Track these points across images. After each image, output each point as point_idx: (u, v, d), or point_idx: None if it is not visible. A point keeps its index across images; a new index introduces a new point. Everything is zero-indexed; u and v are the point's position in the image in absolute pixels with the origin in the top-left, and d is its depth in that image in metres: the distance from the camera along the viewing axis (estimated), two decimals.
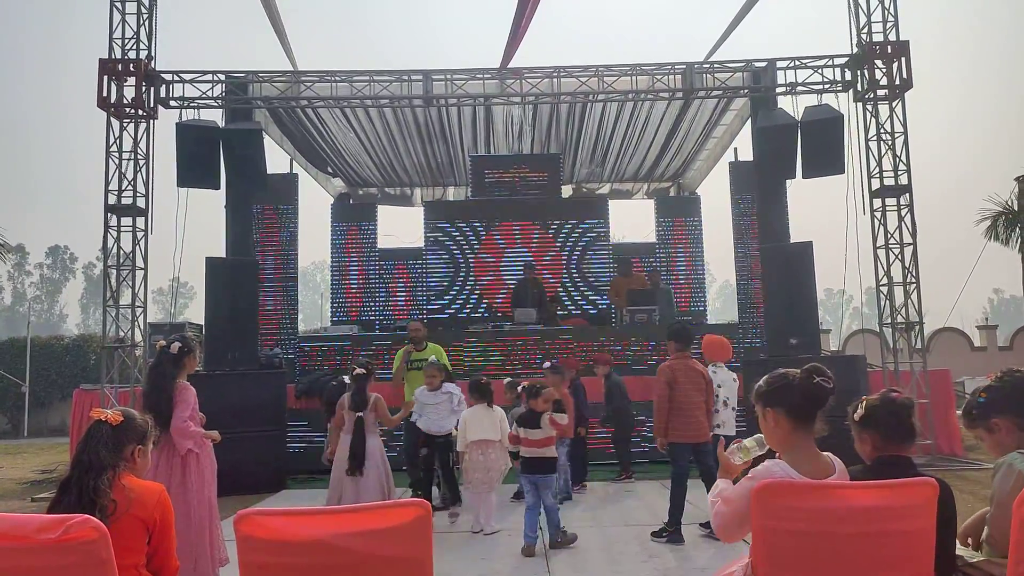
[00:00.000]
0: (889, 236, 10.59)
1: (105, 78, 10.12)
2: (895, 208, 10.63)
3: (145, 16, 10.50)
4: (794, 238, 10.74)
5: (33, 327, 23.88)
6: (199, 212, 10.36)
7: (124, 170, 10.32)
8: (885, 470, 2.46)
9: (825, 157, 10.12)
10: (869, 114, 10.69)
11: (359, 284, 14.77)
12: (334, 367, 10.72)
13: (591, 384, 8.79)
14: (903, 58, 10.34)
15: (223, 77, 10.82)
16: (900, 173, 10.54)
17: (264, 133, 10.97)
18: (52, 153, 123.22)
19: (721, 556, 5.23)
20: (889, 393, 2.64)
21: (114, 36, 10.37)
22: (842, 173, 10.22)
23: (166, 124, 10.53)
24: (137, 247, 10.41)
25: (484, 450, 6.34)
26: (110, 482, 2.52)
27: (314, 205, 17.39)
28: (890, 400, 2.59)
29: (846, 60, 10.77)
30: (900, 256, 10.53)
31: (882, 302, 10.64)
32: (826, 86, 10.79)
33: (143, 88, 10.25)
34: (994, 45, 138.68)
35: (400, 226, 16.37)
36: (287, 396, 9.73)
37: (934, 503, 2.30)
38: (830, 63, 10.85)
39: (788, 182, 10.76)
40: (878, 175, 10.61)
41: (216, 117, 10.73)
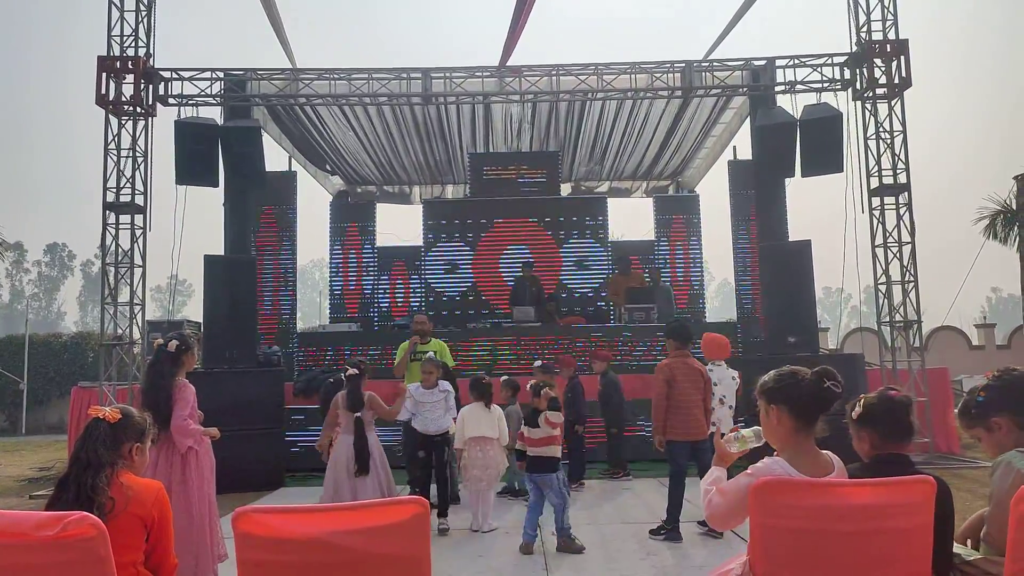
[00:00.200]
0: (887, 235, 10.60)
1: (104, 75, 10.11)
2: (893, 207, 10.64)
3: (144, 13, 10.49)
4: (793, 236, 10.74)
5: (31, 324, 23.85)
6: (197, 210, 10.36)
7: (123, 168, 10.32)
8: (883, 468, 2.46)
9: (824, 156, 10.13)
10: (868, 113, 10.70)
11: (358, 282, 14.76)
12: (332, 365, 10.72)
13: (588, 382, 8.80)
14: (902, 57, 10.34)
15: (222, 75, 10.81)
16: (899, 172, 10.55)
17: (263, 131, 10.96)
18: (51, 151, 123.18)
19: (719, 554, 5.24)
20: (887, 391, 2.64)
21: (112, 34, 10.37)
22: (841, 172, 10.24)
23: (165, 122, 10.54)
24: (135, 244, 10.41)
25: (483, 447, 6.34)
26: (108, 480, 2.52)
27: (313, 203, 17.41)
28: (888, 398, 2.59)
29: (845, 59, 10.77)
30: (898, 255, 10.55)
31: (880, 301, 10.65)
32: (825, 84, 10.80)
33: (141, 86, 10.25)
34: (987, 44, 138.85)
35: (399, 224, 16.40)
36: (285, 394, 9.73)
37: (932, 501, 2.30)
38: (829, 62, 10.85)
39: (787, 180, 10.77)
40: (877, 174, 10.62)
41: (215, 115, 10.73)
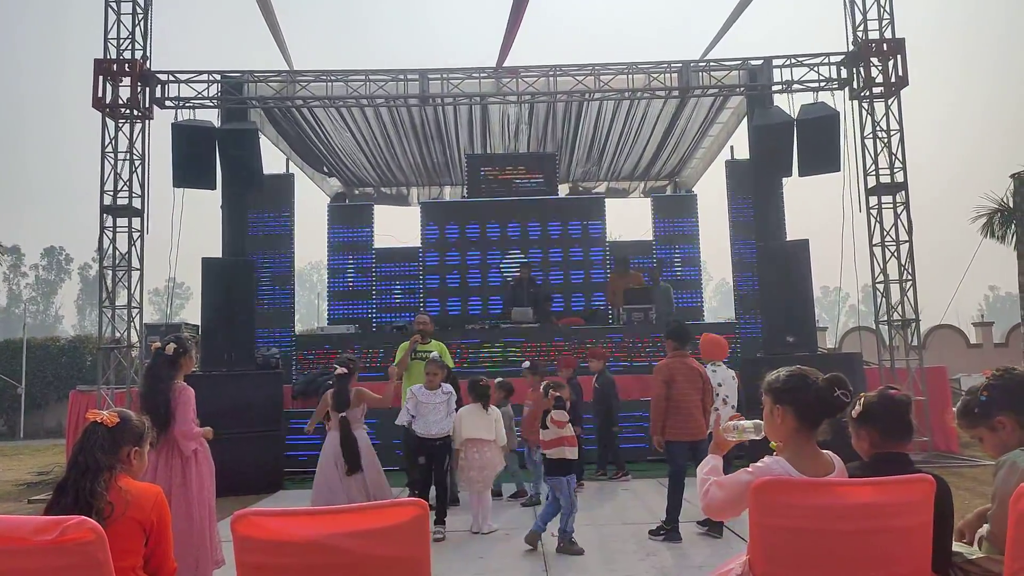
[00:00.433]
0: (885, 234, 10.62)
1: (100, 78, 10.10)
2: (891, 206, 10.66)
3: (140, 16, 10.48)
4: (790, 236, 10.75)
5: (29, 328, 23.84)
6: (195, 212, 10.37)
7: (120, 171, 10.31)
8: (883, 467, 2.46)
9: (821, 155, 10.14)
10: (865, 112, 10.72)
11: (356, 284, 14.75)
12: (331, 367, 10.70)
13: (585, 382, 8.78)
14: (899, 56, 10.36)
15: (218, 77, 10.81)
16: (896, 171, 10.57)
17: (260, 133, 10.95)
18: (48, 154, 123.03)
19: (719, 554, 5.24)
20: (887, 390, 2.64)
21: (109, 36, 10.35)
22: (838, 171, 10.25)
23: (162, 124, 10.54)
24: (133, 248, 10.40)
25: (480, 449, 6.34)
26: (106, 484, 2.51)
27: (310, 205, 17.36)
28: (888, 397, 2.60)
29: (842, 58, 10.79)
30: (896, 253, 10.56)
31: (878, 299, 10.66)
32: (822, 84, 10.81)
33: (138, 88, 10.24)
34: (987, 43, 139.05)
35: (396, 226, 16.34)
36: (284, 396, 9.71)
37: (931, 500, 2.31)
38: (826, 61, 10.87)
39: (784, 180, 10.77)
40: (874, 173, 10.64)
41: (212, 117, 10.75)
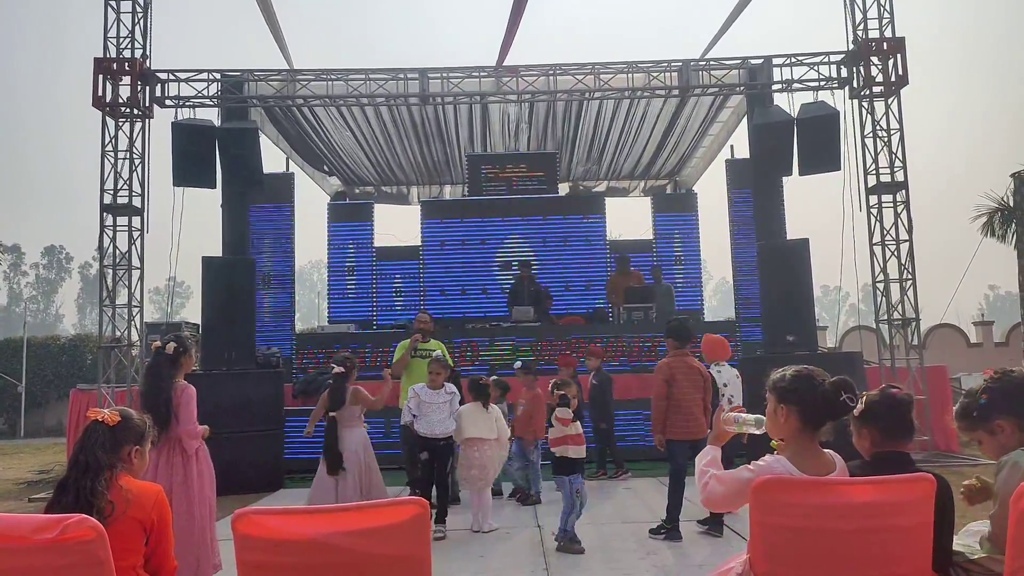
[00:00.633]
0: (885, 233, 10.62)
1: (100, 77, 10.10)
2: (891, 205, 10.66)
3: (140, 15, 10.48)
4: (790, 235, 10.75)
5: (29, 327, 23.85)
6: (195, 211, 10.37)
7: (120, 169, 10.31)
8: (884, 466, 2.46)
9: (821, 154, 10.14)
10: (865, 111, 10.71)
11: (356, 283, 14.74)
12: (328, 364, 10.70)
13: (582, 381, 8.73)
14: (899, 55, 10.36)
15: (218, 76, 10.81)
16: (896, 170, 10.57)
17: (260, 132, 10.95)
18: (48, 153, 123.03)
19: (719, 553, 5.23)
20: (889, 389, 2.64)
21: (109, 35, 10.36)
22: (838, 170, 10.25)
23: (162, 123, 10.55)
24: (133, 246, 10.40)
25: (480, 448, 6.33)
26: (107, 483, 2.51)
27: (311, 204, 17.36)
28: (890, 396, 2.59)
29: (842, 57, 10.78)
30: (896, 253, 10.56)
31: (878, 299, 10.66)
32: (822, 83, 10.81)
33: (138, 87, 10.24)
34: (989, 42, 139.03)
35: (397, 225, 16.34)
36: (284, 395, 9.71)
37: (932, 499, 2.30)
38: (826, 60, 10.87)
39: (784, 179, 10.77)
40: (874, 172, 10.64)
41: (212, 116, 10.75)
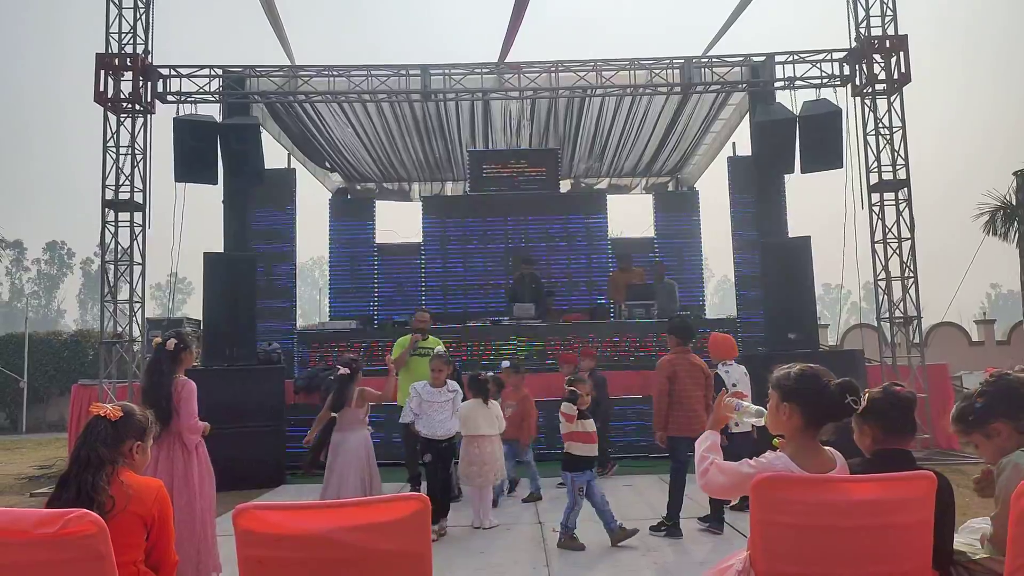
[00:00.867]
0: (887, 231, 10.60)
1: (102, 73, 10.10)
2: (893, 203, 10.65)
3: (142, 11, 10.47)
4: (792, 233, 10.75)
5: (31, 323, 23.86)
6: (197, 207, 10.35)
7: (121, 165, 10.31)
8: (885, 463, 2.46)
9: (823, 152, 10.13)
10: (867, 109, 10.69)
11: (357, 279, 14.74)
12: (332, 362, 10.70)
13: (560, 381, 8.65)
14: (901, 52, 10.34)
15: (220, 72, 10.80)
16: (898, 168, 10.55)
17: (261, 128, 10.94)
18: (50, 148, 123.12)
19: (720, 550, 5.24)
20: (892, 387, 2.64)
21: (111, 31, 10.35)
22: (840, 168, 10.24)
23: (163, 119, 10.54)
24: (135, 242, 10.40)
25: (480, 445, 6.34)
26: (108, 478, 2.52)
27: (312, 200, 17.37)
28: (893, 393, 2.59)
29: (844, 55, 10.76)
30: (898, 251, 10.54)
31: (880, 297, 10.65)
32: (824, 81, 10.79)
33: (140, 83, 10.23)
34: (991, 39, 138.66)
35: (398, 221, 16.33)
36: (286, 391, 9.72)
37: (933, 496, 2.30)
38: (828, 58, 10.84)
39: (786, 177, 10.76)
40: (876, 170, 10.62)
41: (213, 112, 10.72)
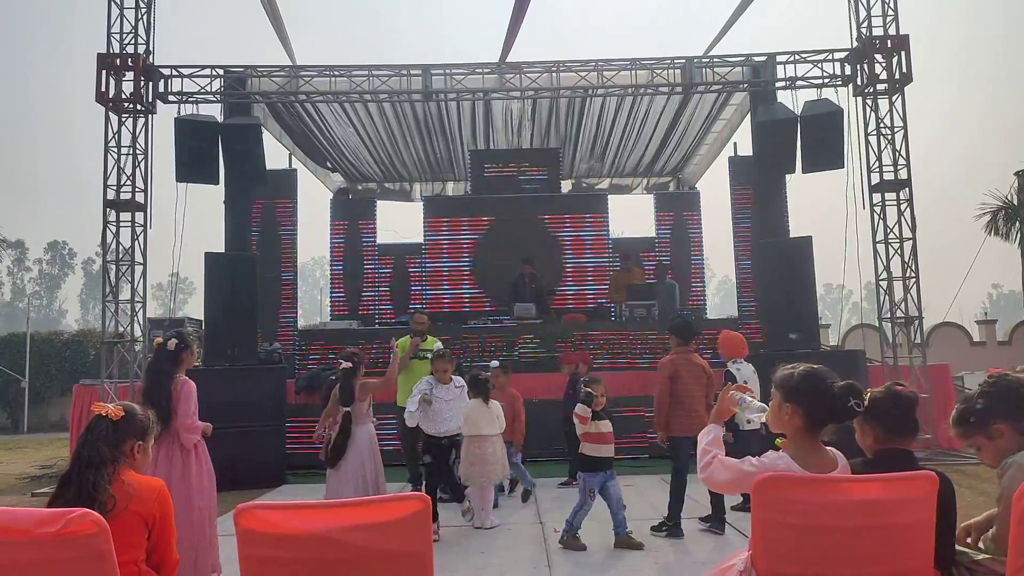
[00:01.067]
0: (888, 231, 10.59)
1: (103, 73, 10.11)
2: (894, 203, 10.64)
3: (143, 11, 10.48)
4: (793, 233, 10.75)
5: (32, 322, 23.88)
6: (198, 207, 10.37)
7: (123, 165, 10.32)
8: (886, 463, 2.46)
9: (824, 152, 10.13)
10: (869, 108, 10.68)
11: (358, 279, 14.75)
12: (334, 362, 10.70)
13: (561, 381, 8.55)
14: (903, 52, 10.33)
15: (221, 72, 10.81)
16: (900, 168, 10.54)
17: (263, 128, 10.95)
18: (51, 148, 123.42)
19: (721, 550, 5.23)
20: (894, 386, 2.64)
21: (112, 31, 10.36)
22: (841, 168, 10.24)
23: (165, 119, 10.54)
24: (136, 242, 10.41)
25: (481, 445, 6.34)
26: (110, 478, 2.52)
27: (313, 200, 17.41)
28: (895, 393, 2.59)
29: (846, 54, 10.75)
30: (899, 251, 10.53)
31: (881, 297, 10.64)
32: (826, 80, 10.78)
33: (141, 83, 10.24)
34: (989, 39, 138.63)
35: (399, 221, 16.36)
36: (287, 391, 9.72)
37: (934, 497, 2.30)
38: (830, 57, 10.84)
39: (787, 177, 10.76)
40: (877, 169, 10.61)
41: (215, 112, 10.74)
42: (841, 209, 10.25)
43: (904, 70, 10.32)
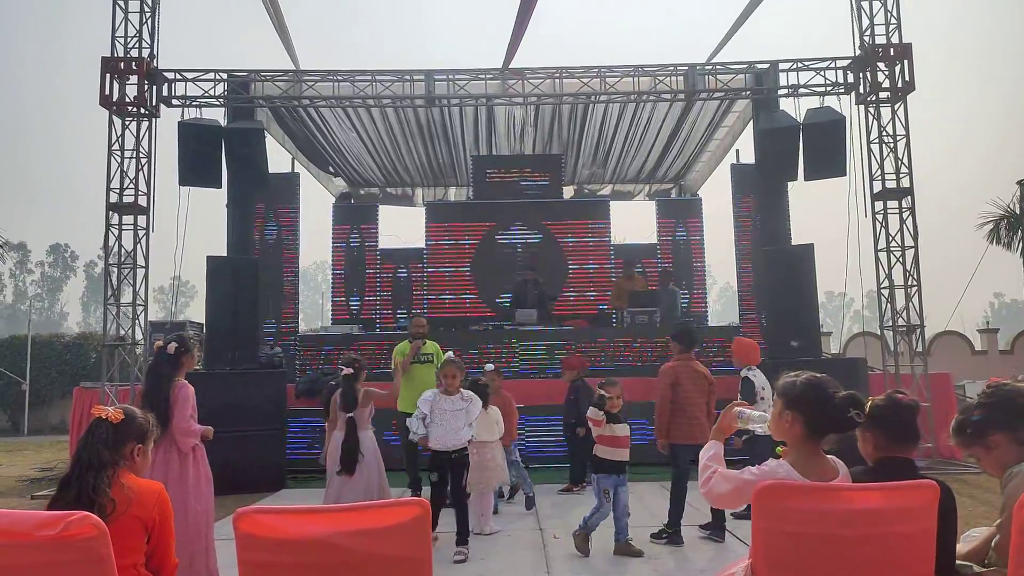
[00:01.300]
0: (890, 239, 10.58)
1: (107, 76, 10.14)
2: (897, 211, 10.63)
3: (148, 15, 10.52)
4: (795, 241, 10.73)
5: (34, 325, 23.90)
6: (200, 211, 10.39)
7: (126, 168, 10.34)
8: (887, 471, 2.45)
9: (827, 159, 10.13)
10: (871, 117, 10.69)
11: (360, 284, 14.75)
12: (334, 367, 10.70)
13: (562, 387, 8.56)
14: (905, 60, 10.34)
15: (225, 76, 10.83)
16: (902, 176, 10.54)
17: (266, 132, 10.97)
18: (54, 151, 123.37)
19: (721, 558, 5.22)
20: (895, 394, 2.63)
21: (117, 34, 10.40)
22: (844, 176, 10.24)
23: (168, 123, 10.57)
24: (138, 245, 10.43)
25: (480, 451, 6.33)
26: (109, 481, 2.52)
27: (315, 205, 17.43)
28: (896, 401, 2.59)
29: (848, 62, 10.77)
30: (901, 259, 10.52)
31: (883, 305, 10.63)
32: (828, 88, 10.79)
33: (145, 86, 10.27)
34: (1002, 50, 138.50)
35: (401, 226, 16.37)
36: (287, 395, 9.71)
37: (935, 505, 2.29)
38: (832, 65, 10.85)
39: (790, 184, 10.75)
40: (880, 178, 10.60)
41: (218, 116, 10.76)
42: (843, 217, 10.26)
43: (907, 78, 10.32)
